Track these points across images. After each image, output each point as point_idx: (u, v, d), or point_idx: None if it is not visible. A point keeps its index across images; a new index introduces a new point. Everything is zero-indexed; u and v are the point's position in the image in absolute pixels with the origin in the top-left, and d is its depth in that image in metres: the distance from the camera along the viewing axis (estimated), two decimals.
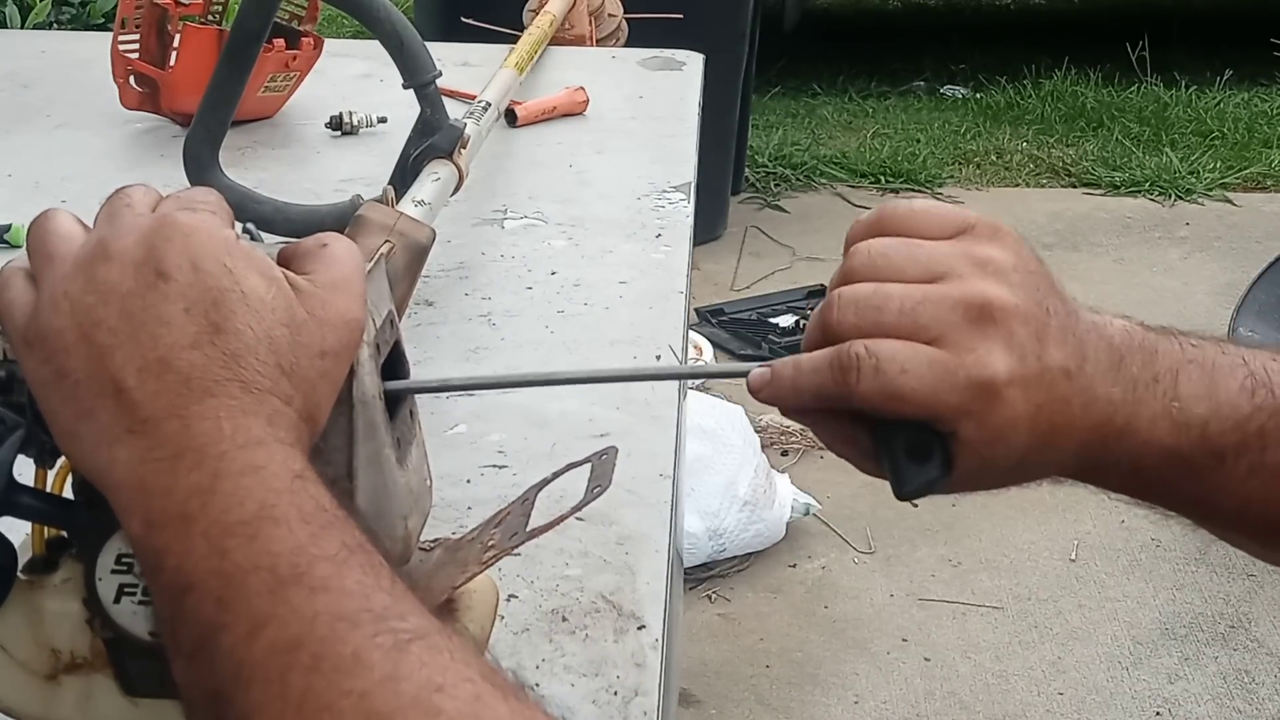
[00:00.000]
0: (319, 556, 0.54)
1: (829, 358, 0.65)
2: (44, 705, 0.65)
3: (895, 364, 0.64)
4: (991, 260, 0.66)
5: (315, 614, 0.52)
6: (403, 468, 0.66)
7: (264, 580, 0.53)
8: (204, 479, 0.55)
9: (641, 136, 1.74)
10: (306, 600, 0.53)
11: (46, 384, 0.58)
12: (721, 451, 2.66)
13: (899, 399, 0.64)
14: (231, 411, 0.56)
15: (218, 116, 1.31)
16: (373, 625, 0.52)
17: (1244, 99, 5.22)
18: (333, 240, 0.63)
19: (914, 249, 0.67)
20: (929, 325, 0.64)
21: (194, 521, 0.54)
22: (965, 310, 0.64)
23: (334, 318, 0.60)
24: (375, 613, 0.53)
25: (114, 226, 0.59)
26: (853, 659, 2.48)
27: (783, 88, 5.34)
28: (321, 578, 0.53)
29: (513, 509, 0.71)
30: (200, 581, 0.54)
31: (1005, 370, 0.64)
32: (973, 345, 0.64)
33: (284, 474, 0.56)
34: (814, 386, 0.66)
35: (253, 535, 0.54)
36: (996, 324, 0.64)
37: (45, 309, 0.58)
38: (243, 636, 0.52)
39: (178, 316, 0.57)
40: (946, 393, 0.64)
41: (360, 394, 0.62)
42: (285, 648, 0.52)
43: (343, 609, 0.53)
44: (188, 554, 0.54)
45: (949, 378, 0.63)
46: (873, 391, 0.64)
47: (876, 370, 0.64)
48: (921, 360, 0.64)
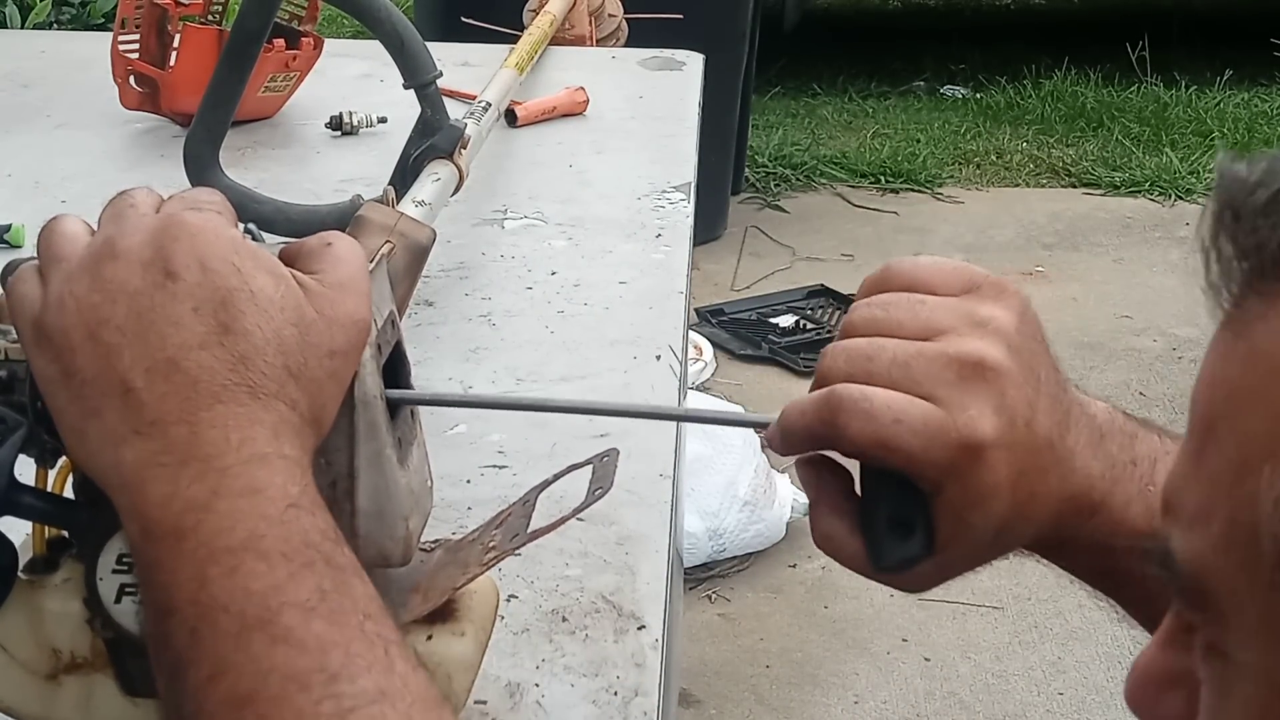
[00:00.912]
0: (289, 602, 0.54)
1: (822, 396, 0.64)
2: (44, 705, 0.65)
3: (890, 412, 0.62)
4: (992, 320, 0.65)
5: (271, 669, 0.53)
6: (404, 468, 0.66)
7: (232, 621, 0.54)
8: (203, 494, 0.55)
9: (641, 136, 1.74)
10: (266, 652, 0.53)
11: (54, 383, 0.58)
12: (721, 451, 2.66)
13: (888, 448, 0.62)
14: (239, 420, 0.56)
15: (218, 116, 1.31)
16: (321, 689, 0.53)
17: (1244, 99, 5.22)
18: (337, 239, 0.63)
19: (915, 304, 0.66)
20: (921, 381, 0.63)
21: (185, 539, 0.55)
22: (959, 369, 0.63)
23: (342, 317, 0.60)
24: (328, 673, 0.53)
25: (120, 226, 0.59)
26: (853, 659, 2.48)
27: (783, 88, 5.34)
28: (285, 628, 0.54)
29: (514, 510, 0.71)
30: (179, 608, 0.54)
31: (994, 433, 0.63)
32: (965, 404, 0.63)
33: (279, 500, 0.56)
34: (803, 427, 0.65)
35: (235, 566, 0.54)
36: (988, 384, 0.63)
37: (52, 308, 0.58)
38: (204, 680, 0.54)
39: (186, 316, 0.57)
40: (937, 450, 0.62)
41: (362, 394, 0.62)
42: (237, 703, 0.53)
43: (296, 668, 0.53)
44: (174, 573, 0.55)
45: (941, 435, 0.62)
46: (862, 435, 0.62)
47: (869, 415, 0.62)
48: (916, 413, 0.62)
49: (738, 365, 3.47)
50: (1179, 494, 0.44)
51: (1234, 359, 0.44)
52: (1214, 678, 0.43)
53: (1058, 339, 1.77)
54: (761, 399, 3.26)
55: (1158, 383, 3.42)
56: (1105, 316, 3.75)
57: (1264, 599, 0.39)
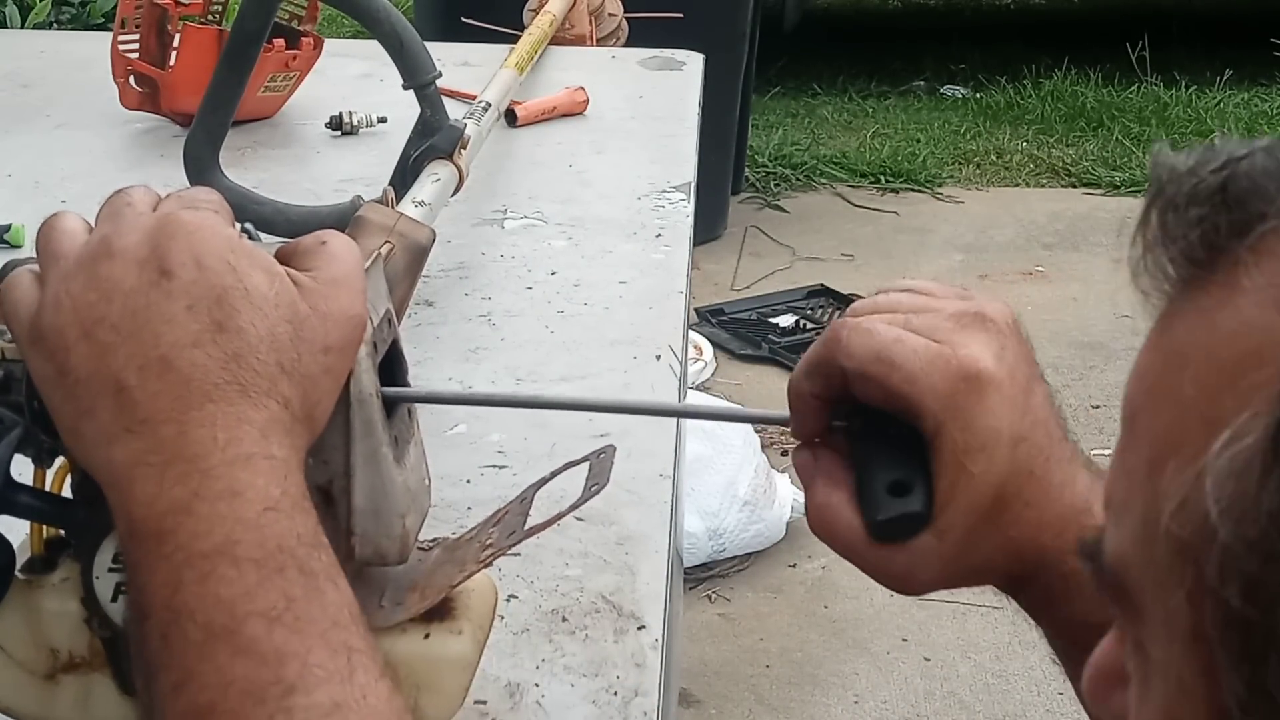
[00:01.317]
0: (254, 612, 0.54)
1: (825, 332, 0.67)
2: (43, 704, 0.65)
3: (890, 332, 0.64)
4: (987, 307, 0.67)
5: (230, 681, 0.54)
6: (400, 466, 0.66)
7: (198, 629, 0.54)
8: (185, 495, 0.55)
9: (641, 136, 1.74)
10: (228, 663, 0.54)
11: (50, 381, 0.58)
12: (721, 451, 2.66)
13: (890, 364, 0.64)
14: (227, 419, 0.56)
15: (218, 117, 1.31)
16: (276, 702, 0.53)
17: (1244, 99, 5.22)
18: (331, 237, 0.63)
19: (914, 295, 0.69)
20: (921, 329, 0.65)
21: (165, 542, 0.55)
22: (959, 318, 0.65)
23: (337, 313, 0.60)
24: (284, 685, 0.54)
25: (116, 225, 0.59)
26: (853, 659, 2.48)
27: (783, 88, 5.34)
28: (249, 639, 0.54)
29: (511, 508, 0.71)
30: (154, 612, 0.55)
31: (993, 368, 0.64)
32: (965, 342, 0.64)
33: (259, 502, 0.56)
34: (808, 358, 0.67)
35: (206, 574, 0.55)
36: (988, 333, 0.65)
37: (48, 307, 0.58)
38: (170, 688, 0.54)
39: (180, 314, 0.57)
40: (938, 376, 0.63)
41: (358, 392, 0.62)
42: (197, 713, 0.54)
43: (254, 681, 0.54)
44: (152, 575, 0.55)
45: (941, 361, 0.63)
46: (864, 349, 0.64)
47: (870, 332, 0.64)
48: (916, 339, 0.64)
49: (738, 365, 3.47)
50: (1109, 488, 0.44)
51: (1155, 353, 0.45)
52: (1136, 674, 0.43)
53: (1057, 339, 1.80)
54: (761, 399, 3.26)
55: None
56: (1105, 316, 3.75)
57: (1167, 595, 0.39)
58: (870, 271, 3.97)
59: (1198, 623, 0.38)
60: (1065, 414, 0.68)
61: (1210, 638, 0.38)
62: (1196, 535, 0.38)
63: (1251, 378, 0.38)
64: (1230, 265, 0.41)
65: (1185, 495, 0.39)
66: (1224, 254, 0.41)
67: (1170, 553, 0.39)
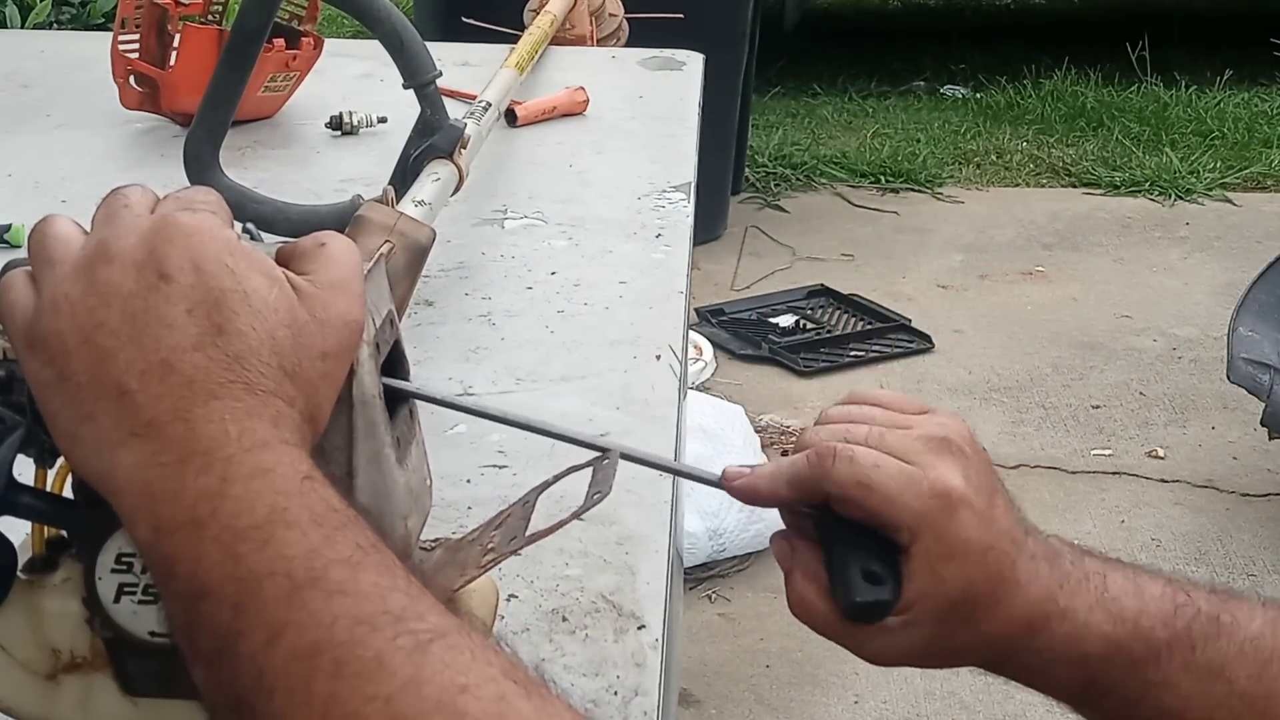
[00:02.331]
0: (333, 559, 0.53)
1: (809, 450, 0.72)
2: (44, 705, 0.65)
3: (870, 458, 0.70)
4: (949, 425, 0.74)
5: (334, 618, 0.52)
6: (402, 467, 0.66)
7: (280, 585, 0.53)
8: (212, 483, 0.54)
9: (641, 136, 1.74)
10: (324, 604, 0.52)
11: (48, 387, 0.57)
12: (721, 451, 2.66)
13: (868, 488, 0.69)
14: (236, 414, 0.56)
15: (218, 117, 1.31)
16: (392, 628, 0.52)
17: (1244, 99, 5.22)
18: (331, 239, 0.63)
19: (882, 411, 0.75)
20: (895, 450, 0.71)
21: (204, 527, 0.54)
22: (926, 442, 0.72)
23: (334, 319, 0.60)
24: (394, 614, 0.52)
25: (113, 228, 0.59)
26: (853, 659, 2.45)
27: (783, 88, 5.34)
28: (338, 581, 0.53)
29: (513, 511, 0.71)
30: (215, 588, 0.53)
31: (960, 488, 0.70)
32: (935, 465, 0.71)
33: (293, 476, 0.55)
34: (790, 473, 0.72)
35: (266, 540, 0.53)
36: (955, 457, 0.71)
37: (46, 312, 0.58)
38: (261, 643, 0.52)
39: (180, 318, 0.57)
40: (911, 497, 0.69)
41: (360, 394, 0.62)
42: (306, 654, 0.52)
43: (361, 612, 0.52)
44: (200, 560, 0.54)
45: (915, 484, 0.70)
46: (845, 475, 0.70)
47: (851, 460, 0.70)
48: (892, 463, 0.70)
49: (738, 365, 3.47)
50: None
51: None
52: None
53: (1058, 339, 1.80)
54: (761, 399, 3.27)
55: (1158, 383, 3.42)
56: (1105, 316, 3.75)
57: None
58: (870, 271, 3.97)
59: None
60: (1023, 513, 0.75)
61: None
62: None
63: None
64: None
65: None
66: None
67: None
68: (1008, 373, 3.46)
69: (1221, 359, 2.88)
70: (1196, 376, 3.42)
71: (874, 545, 0.70)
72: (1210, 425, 3.22)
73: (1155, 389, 3.39)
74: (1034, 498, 2.91)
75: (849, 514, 0.71)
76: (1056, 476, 3.04)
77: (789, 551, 0.75)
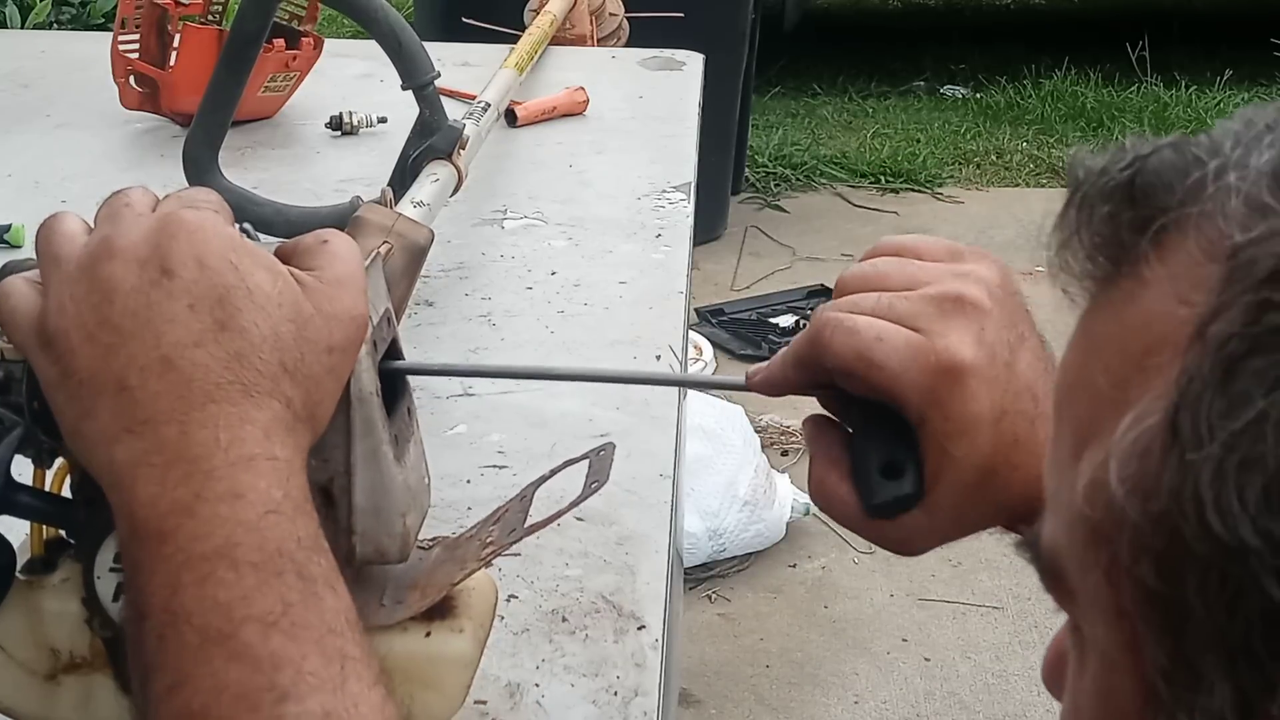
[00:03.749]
0: (251, 616, 0.54)
1: (809, 325, 0.68)
2: (44, 705, 0.65)
3: (872, 330, 0.65)
4: (973, 273, 0.68)
5: (225, 686, 0.54)
6: (401, 465, 0.66)
7: (194, 632, 0.54)
8: (187, 497, 0.55)
9: (641, 136, 1.74)
10: (223, 667, 0.54)
11: (54, 384, 0.58)
12: (721, 451, 2.66)
13: (870, 363, 0.65)
14: (230, 420, 0.56)
15: (217, 118, 1.31)
16: (270, 708, 0.53)
17: (1244, 99, 5.21)
18: (333, 236, 0.63)
19: (904, 264, 0.69)
20: (904, 316, 0.66)
21: (166, 542, 0.55)
22: (939, 303, 0.66)
23: (339, 313, 0.60)
24: (278, 692, 0.54)
25: (117, 226, 0.59)
26: (853, 659, 2.48)
27: (783, 88, 5.34)
28: (244, 644, 0.54)
29: (511, 506, 0.71)
30: (151, 613, 0.55)
31: (972, 358, 0.65)
32: (945, 332, 0.65)
33: (260, 505, 0.56)
34: (794, 352, 0.68)
35: (204, 577, 0.55)
36: (967, 317, 0.66)
37: (53, 311, 0.58)
38: (165, 690, 0.54)
39: (182, 313, 0.57)
40: (917, 372, 0.64)
41: (358, 391, 0.63)
42: (190, 717, 0.54)
43: (248, 686, 0.54)
44: (151, 577, 0.55)
45: (920, 357, 0.65)
46: (845, 349, 0.65)
47: (852, 331, 0.65)
48: (898, 334, 0.65)
49: (738, 365, 3.47)
50: (1045, 480, 0.46)
51: (1074, 348, 0.47)
52: (1074, 654, 0.45)
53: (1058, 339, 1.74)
54: (761, 399, 3.25)
55: None
56: None
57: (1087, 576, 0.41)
58: None
59: (1118, 600, 0.40)
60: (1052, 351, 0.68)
61: (1131, 614, 0.39)
62: (1107, 516, 0.39)
63: (1154, 362, 0.40)
64: (1135, 260, 0.42)
65: (1093, 477, 0.40)
66: (1131, 249, 0.42)
67: (1086, 535, 0.41)
68: None
69: None
70: None
71: (894, 427, 0.66)
72: None
73: None
74: None
75: (853, 389, 0.66)
76: None
77: (814, 433, 0.71)
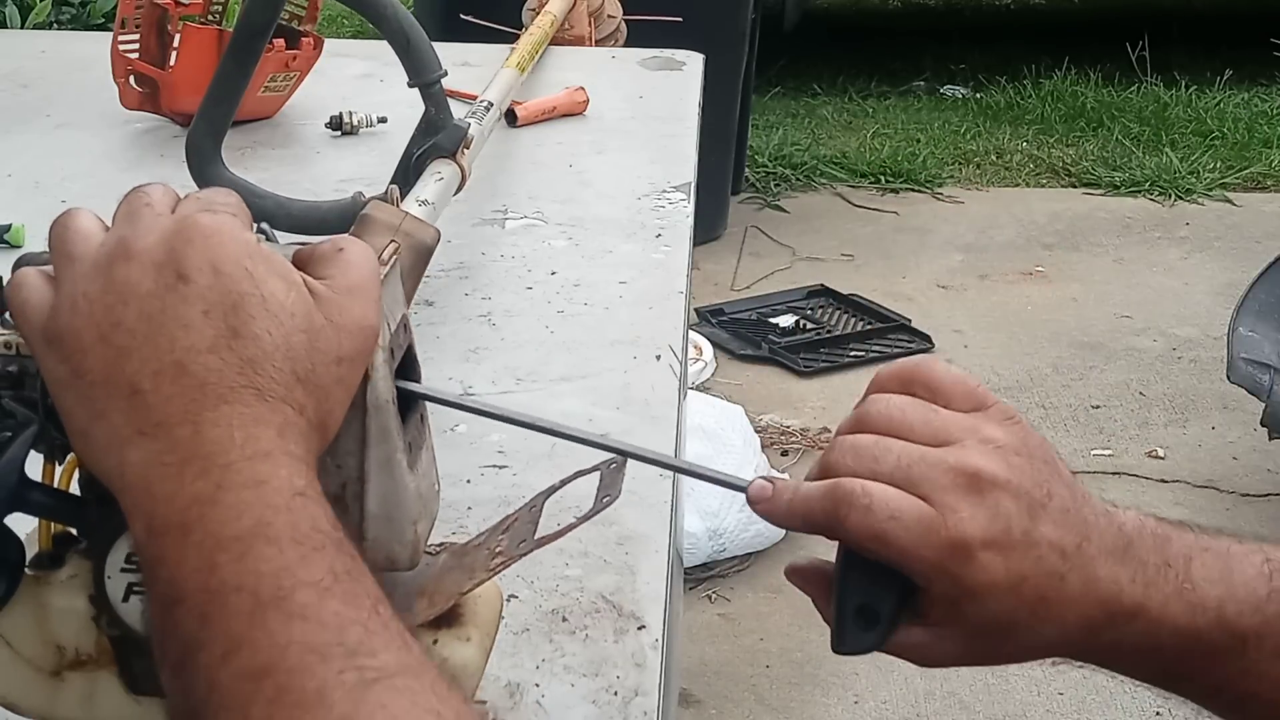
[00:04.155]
0: (303, 582, 0.54)
1: (827, 487, 0.67)
2: (48, 701, 0.65)
3: (886, 509, 0.66)
4: (995, 439, 0.68)
5: (289, 642, 0.53)
6: (413, 472, 0.66)
7: (245, 601, 0.53)
8: (207, 488, 0.55)
9: (641, 136, 1.74)
10: (282, 627, 0.53)
11: (63, 383, 0.58)
12: (721, 451, 2.66)
13: (882, 542, 0.66)
14: (244, 420, 0.56)
15: (221, 111, 1.31)
16: (341, 661, 0.52)
17: (1244, 99, 5.22)
18: (349, 244, 0.63)
19: (929, 413, 0.69)
20: (919, 483, 0.66)
21: (191, 531, 0.54)
22: (956, 476, 0.66)
23: (351, 324, 0.60)
24: (347, 647, 0.53)
25: (134, 226, 0.59)
26: (852, 659, 2.48)
27: (783, 88, 5.34)
28: (301, 605, 0.53)
29: (520, 515, 0.71)
30: (189, 594, 0.54)
31: (981, 535, 0.66)
32: (957, 508, 0.66)
33: (285, 490, 0.56)
34: (806, 511, 0.68)
35: (244, 552, 0.54)
36: (983, 494, 0.66)
37: (65, 309, 0.58)
38: (217, 658, 0.53)
39: (196, 319, 0.57)
40: (925, 548, 0.66)
41: (374, 399, 0.62)
42: (253, 675, 0.52)
43: (316, 641, 0.53)
44: (181, 565, 0.54)
45: (930, 534, 0.65)
46: (860, 528, 0.66)
47: (868, 510, 0.66)
48: (911, 511, 0.66)
49: (738, 365, 3.47)
50: None
51: None
52: None
53: (1058, 339, 1.78)
54: (761, 399, 3.27)
55: (1158, 383, 3.42)
56: (1105, 316, 3.75)
57: None
58: (870, 271, 3.97)
59: None
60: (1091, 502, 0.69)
61: None
62: None
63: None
64: None
65: None
66: None
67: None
68: (1008, 373, 3.46)
69: (1221, 359, 2.88)
70: (1196, 376, 3.42)
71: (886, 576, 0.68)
72: (1210, 425, 3.23)
73: (1155, 389, 3.39)
74: None
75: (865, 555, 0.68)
76: None
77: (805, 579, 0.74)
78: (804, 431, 3.13)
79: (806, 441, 3.08)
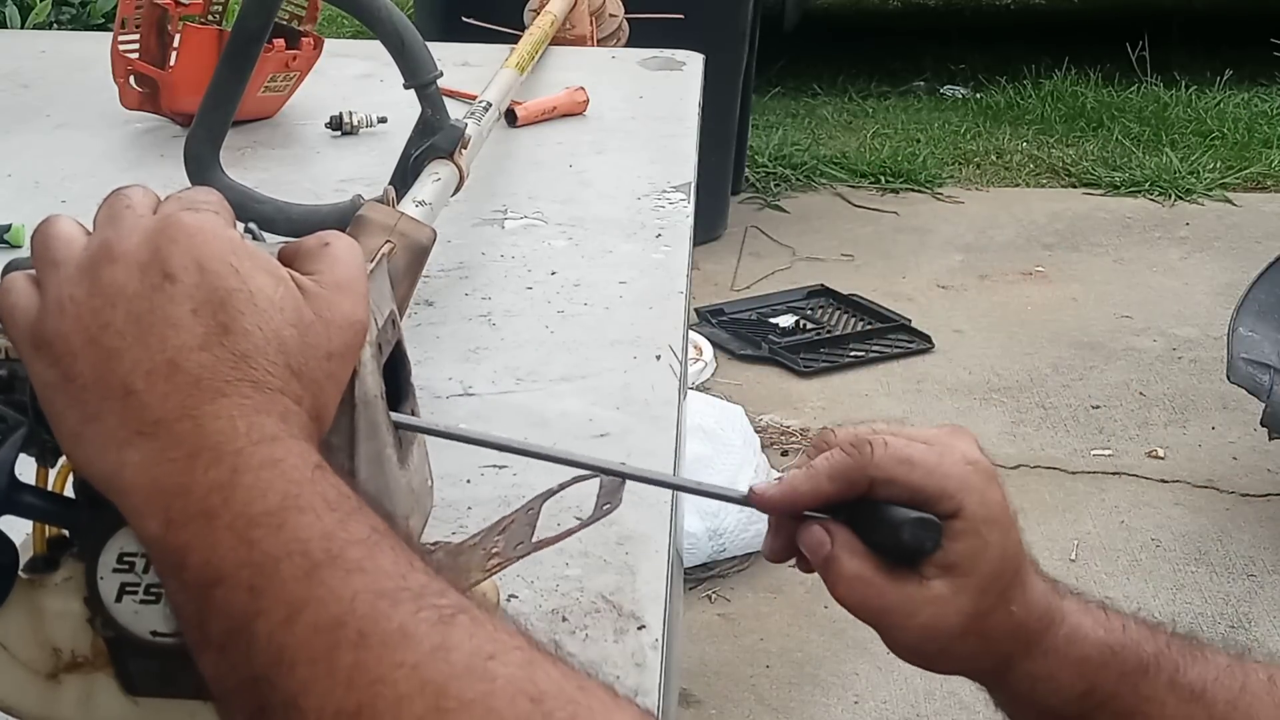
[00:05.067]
0: (349, 540, 0.54)
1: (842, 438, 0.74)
2: (45, 704, 0.65)
3: (901, 439, 0.73)
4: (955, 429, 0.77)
5: (354, 594, 0.53)
6: (404, 467, 0.66)
7: (297, 565, 0.53)
8: (223, 475, 0.55)
9: (641, 136, 1.74)
10: (343, 581, 0.53)
11: (52, 388, 0.57)
12: (721, 451, 2.66)
13: (910, 463, 0.71)
14: (244, 410, 0.56)
15: (219, 116, 1.31)
16: (413, 602, 0.53)
17: (1244, 99, 5.22)
18: (335, 239, 0.63)
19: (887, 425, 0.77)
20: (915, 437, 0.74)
21: (217, 516, 0.54)
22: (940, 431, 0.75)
23: (339, 319, 0.60)
24: (413, 590, 0.53)
25: (117, 228, 0.59)
26: (853, 659, 2.48)
27: (783, 88, 5.34)
28: (355, 560, 0.53)
29: (517, 517, 0.71)
30: (230, 573, 0.54)
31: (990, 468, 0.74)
32: (957, 444, 0.74)
33: (303, 465, 0.55)
34: (829, 467, 0.73)
35: (280, 524, 0.54)
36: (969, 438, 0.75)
37: (51, 313, 0.58)
38: (280, 621, 0.53)
39: (185, 318, 0.57)
40: (950, 465, 0.72)
41: (362, 394, 0.62)
42: (328, 627, 0.52)
43: (381, 588, 0.53)
44: (214, 548, 0.54)
45: (949, 454, 0.73)
46: (886, 457, 0.72)
47: (887, 442, 0.72)
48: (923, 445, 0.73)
49: (738, 365, 3.47)
50: None
51: None
52: None
53: (1058, 339, 1.78)
54: (761, 399, 3.27)
55: (1158, 383, 3.42)
56: (1105, 316, 3.75)
57: None
58: (870, 271, 3.97)
59: None
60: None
61: None
62: None
63: None
64: None
65: None
66: None
67: None
68: (1008, 373, 3.46)
69: (1221, 359, 2.88)
70: (1196, 376, 3.42)
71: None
72: (1210, 425, 3.22)
73: (1155, 389, 3.39)
74: (1034, 498, 2.91)
75: (892, 496, 0.72)
76: (1056, 477, 3.04)
77: (826, 536, 0.74)
78: (804, 431, 3.14)
79: (806, 442, 3.08)
